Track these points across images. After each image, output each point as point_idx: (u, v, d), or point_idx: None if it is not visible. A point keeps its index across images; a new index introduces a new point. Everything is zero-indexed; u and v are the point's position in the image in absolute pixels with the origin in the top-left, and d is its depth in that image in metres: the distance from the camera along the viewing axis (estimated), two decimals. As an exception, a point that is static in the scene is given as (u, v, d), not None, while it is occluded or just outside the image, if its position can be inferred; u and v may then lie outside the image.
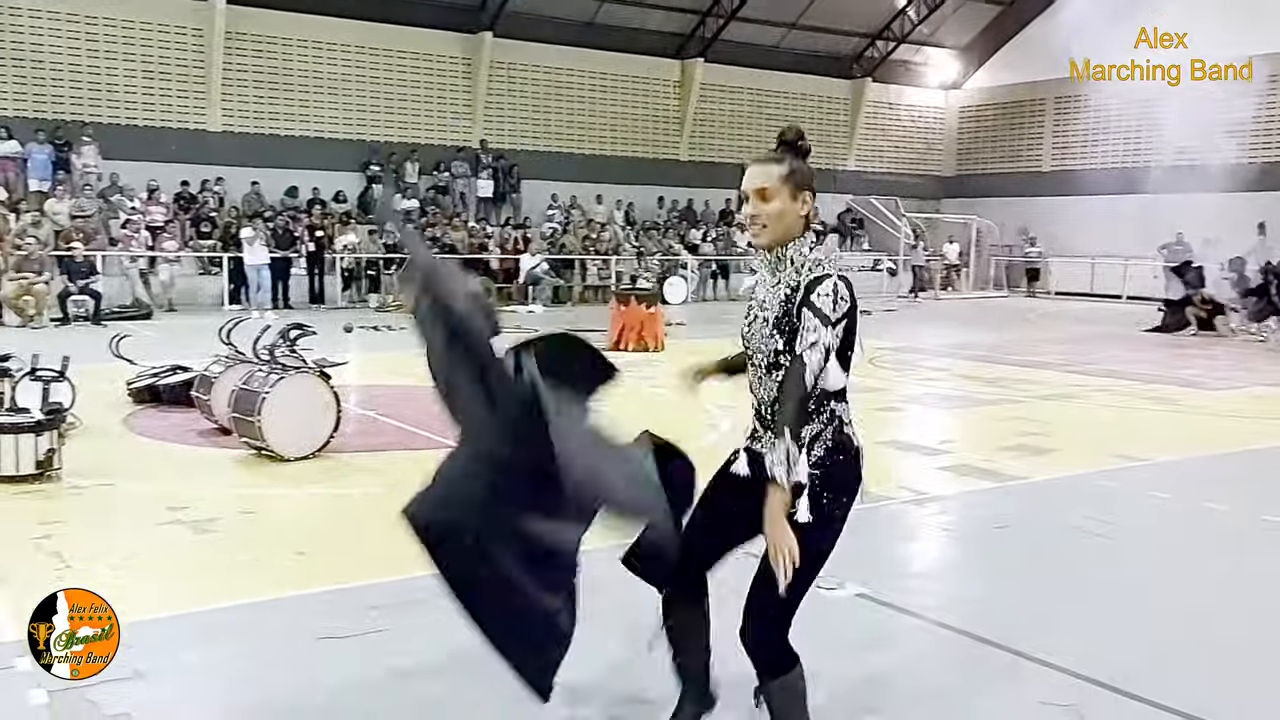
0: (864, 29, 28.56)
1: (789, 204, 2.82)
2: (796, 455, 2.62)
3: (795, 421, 2.64)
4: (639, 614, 3.40)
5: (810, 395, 2.67)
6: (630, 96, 26.26)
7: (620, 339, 13.56)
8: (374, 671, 3.74)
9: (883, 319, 19.56)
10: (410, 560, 4.79)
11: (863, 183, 29.33)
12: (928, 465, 7.25)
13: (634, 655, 3.61)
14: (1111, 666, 3.81)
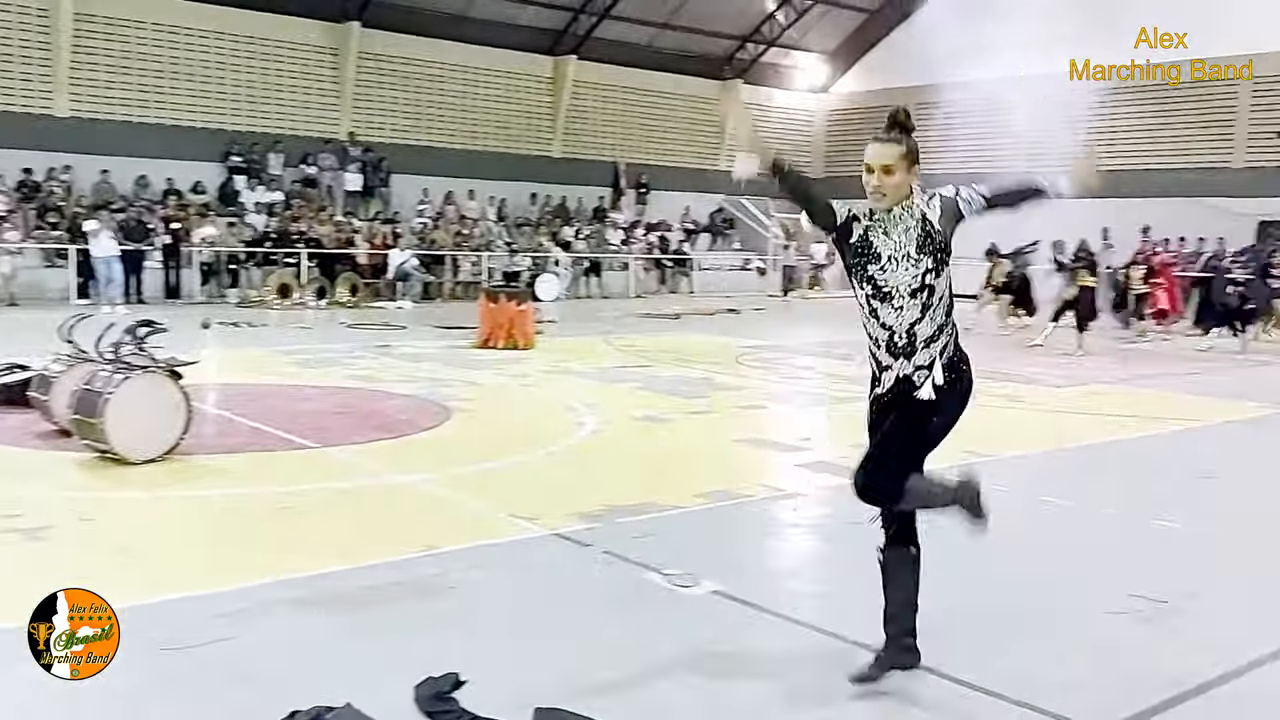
0: (734, 31, 29.01)
1: (905, 176, 3.50)
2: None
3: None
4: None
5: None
6: (503, 92, 26.08)
7: (490, 336, 13.47)
8: (219, 683, 3.63)
9: (751, 318, 19.94)
10: (262, 566, 4.70)
11: (734, 183, 29.74)
12: (787, 462, 7.41)
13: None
14: (957, 657, 3.97)
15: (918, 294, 3.46)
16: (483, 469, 6.90)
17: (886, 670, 3.70)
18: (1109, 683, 3.81)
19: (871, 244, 3.52)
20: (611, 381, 10.95)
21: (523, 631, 4.16)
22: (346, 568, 4.76)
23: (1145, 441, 8.82)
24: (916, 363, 3.52)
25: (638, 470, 7.05)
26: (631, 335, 15.94)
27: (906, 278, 3.47)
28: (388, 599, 4.42)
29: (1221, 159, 23.63)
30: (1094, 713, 3.55)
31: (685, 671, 3.85)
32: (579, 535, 5.42)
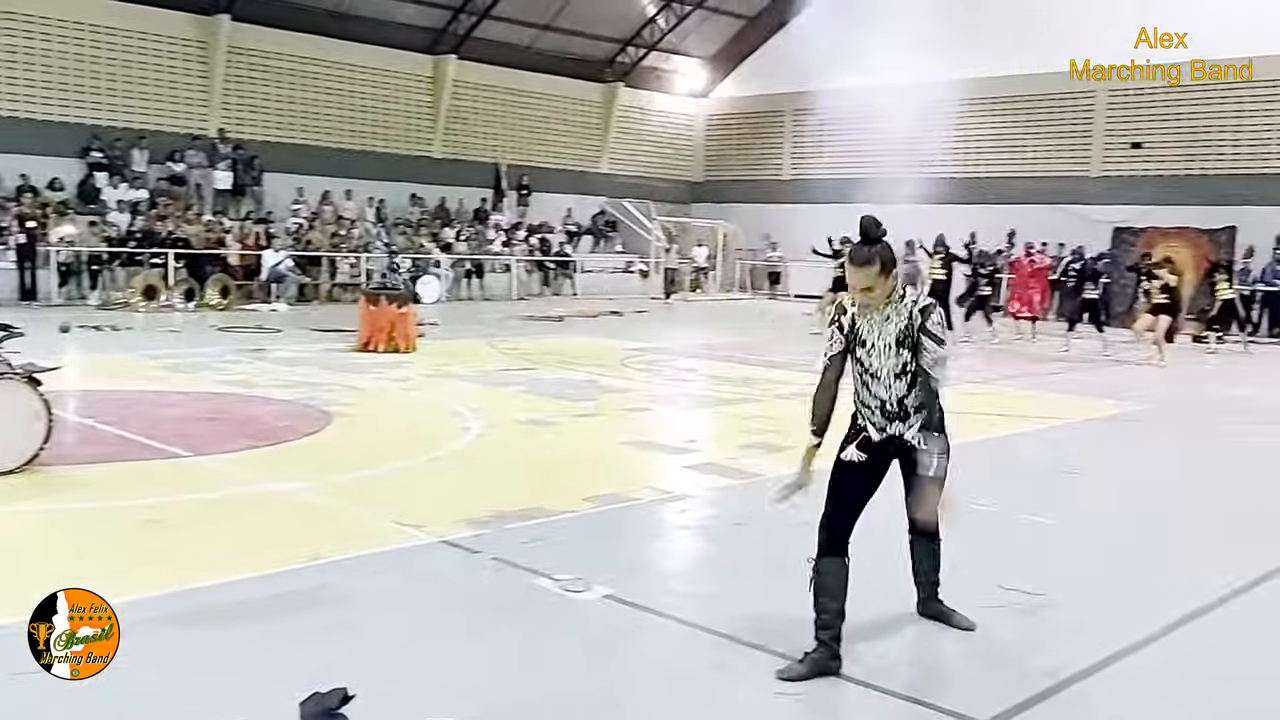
0: (616, 34, 29.08)
1: (884, 284, 3.89)
2: (942, 449, 3.96)
3: (939, 421, 4.00)
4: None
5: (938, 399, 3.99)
6: (381, 90, 25.57)
7: (370, 340, 13.17)
8: (92, 706, 3.44)
9: (634, 320, 20.00)
10: (133, 582, 4.47)
11: (616, 186, 29.88)
12: (674, 464, 7.45)
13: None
14: (844, 656, 4.04)
15: (899, 377, 3.97)
16: (365, 475, 6.74)
17: (814, 674, 3.81)
18: (993, 676, 3.93)
19: (859, 331, 4.01)
20: (495, 385, 10.83)
21: (412, 642, 4.07)
22: (223, 581, 4.58)
23: (1013, 439, 9.16)
24: (910, 424, 4.02)
25: (525, 475, 6.99)
26: (515, 338, 15.81)
27: (888, 362, 3.96)
28: (268, 613, 4.27)
29: (1080, 168, 24.74)
30: (981, 706, 3.65)
31: (580, 677, 3.83)
32: (467, 542, 5.34)
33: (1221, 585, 5.04)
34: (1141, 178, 23.54)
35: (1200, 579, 5.16)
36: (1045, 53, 23.65)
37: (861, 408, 4.11)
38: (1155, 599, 4.87)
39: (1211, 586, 5.01)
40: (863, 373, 4.04)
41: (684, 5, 28.49)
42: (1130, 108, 23.96)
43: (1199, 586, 5.01)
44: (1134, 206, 22.60)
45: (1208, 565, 5.45)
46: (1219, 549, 5.82)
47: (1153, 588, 5.09)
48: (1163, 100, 23.39)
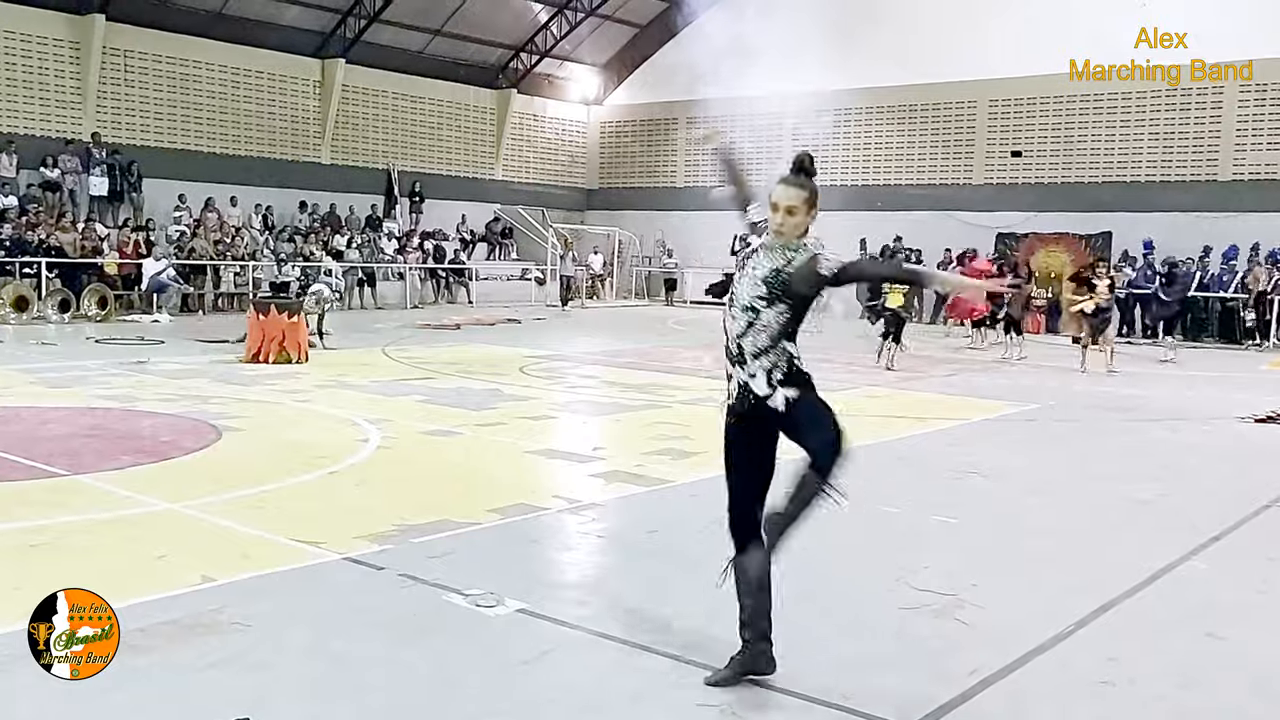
0: (508, 40, 28.86)
1: (804, 218, 3.73)
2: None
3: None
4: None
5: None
6: (267, 94, 24.86)
7: (260, 350, 12.73)
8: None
9: (533, 328, 19.82)
10: (11, 611, 4.15)
11: (510, 192, 29.64)
12: (581, 473, 7.33)
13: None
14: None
15: (746, 311, 3.72)
16: (258, 491, 6.45)
17: (740, 676, 3.75)
18: (914, 678, 3.92)
19: (748, 261, 3.79)
20: (393, 395, 10.56)
21: (317, 666, 3.87)
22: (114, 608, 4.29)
23: (916, 440, 9.30)
24: (748, 371, 3.73)
25: (428, 487, 6.78)
26: (411, 347, 15.49)
27: (747, 293, 3.73)
28: (162, 640, 4.00)
29: (964, 176, 25.47)
30: (906, 709, 3.63)
31: (496, 695, 3.69)
32: (371, 558, 5.14)
33: (1126, 579, 5.15)
34: (1022, 185, 24.35)
35: (1104, 573, 5.27)
36: (930, 63, 24.31)
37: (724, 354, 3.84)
38: (1063, 594, 4.95)
39: (1117, 581, 5.11)
40: (729, 304, 3.80)
41: (576, 13, 28.43)
42: (1010, 117, 24.77)
43: (1105, 581, 5.12)
44: (1015, 213, 23.36)
45: (1111, 559, 5.58)
46: (1120, 543, 5.96)
47: (1060, 583, 5.17)
48: (1041, 110, 24.25)
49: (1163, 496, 7.20)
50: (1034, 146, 24.43)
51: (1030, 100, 24.31)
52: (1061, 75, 23.02)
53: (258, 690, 3.58)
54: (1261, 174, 21.76)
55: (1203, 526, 6.21)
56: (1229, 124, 22.24)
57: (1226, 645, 4.39)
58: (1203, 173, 22.46)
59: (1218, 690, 3.94)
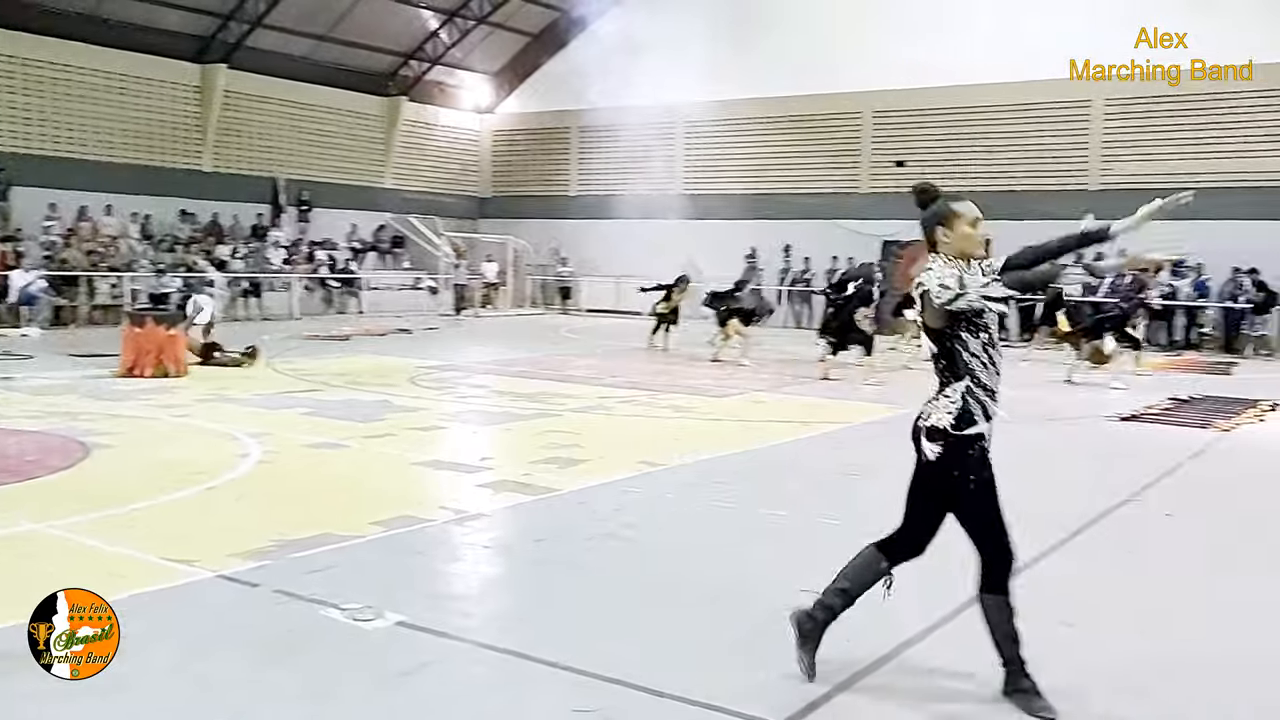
0: (398, 47, 28.50)
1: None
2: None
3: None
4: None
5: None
6: (145, 100, 24.07)
7: (135, 364, 12.31)
8: None
9: (424, 338, 19.59)
10: None
11: (402, 201, 29.24)
12: (468, 483, 7.28)
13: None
14: (635, 665, 4.02)
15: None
16: (131, 510, 6.24)
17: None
18: (786, 676, 3.99)
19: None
20: (277, 408, 10.32)
21: (181, 688, 3.76)
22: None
23: (801, 444, 9.48)
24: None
25: (310, 501, 6.65)
26: (297, 358, 15.16)
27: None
28: (23, 666, 3.83)
29: (850, 184, 26.06)
30: (776, 708, 3.70)
31: (369, 711, 3.64)
32: (246, 575, 5.02)
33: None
34: (906, 194, 24.93)
35: (971, 569, 5.43)
36: (817, 74, 24.83)
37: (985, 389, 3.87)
38: (933, 589, 5.09)
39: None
40: (988, 344, 3.85)
41: (466, 20, 28.25)
42: (894, 128, 25.45)
43: (970, 577, 5.28)
44: (900, 221, 23.96)
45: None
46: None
47: (930, 578, 5.32)
48: (923, 120, 24.97)
49: (1030, 494, 7.45)
50: (917, 156, 25.11)
51: (913, 111, 25.00)
52: (943, 87, 23.79)
53: (116, 714, 3.47)
54: (1128, 184, 22.77)
55: (1065, 522, 6.46)
56: (1096, 136, 23.25)
57: (1076, 632, 4.59)
58: (1073, 182, 23.41)
59: (1064, 676, 4.11)
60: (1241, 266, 20.79)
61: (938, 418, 3.83)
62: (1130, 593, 5.31)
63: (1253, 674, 4.25)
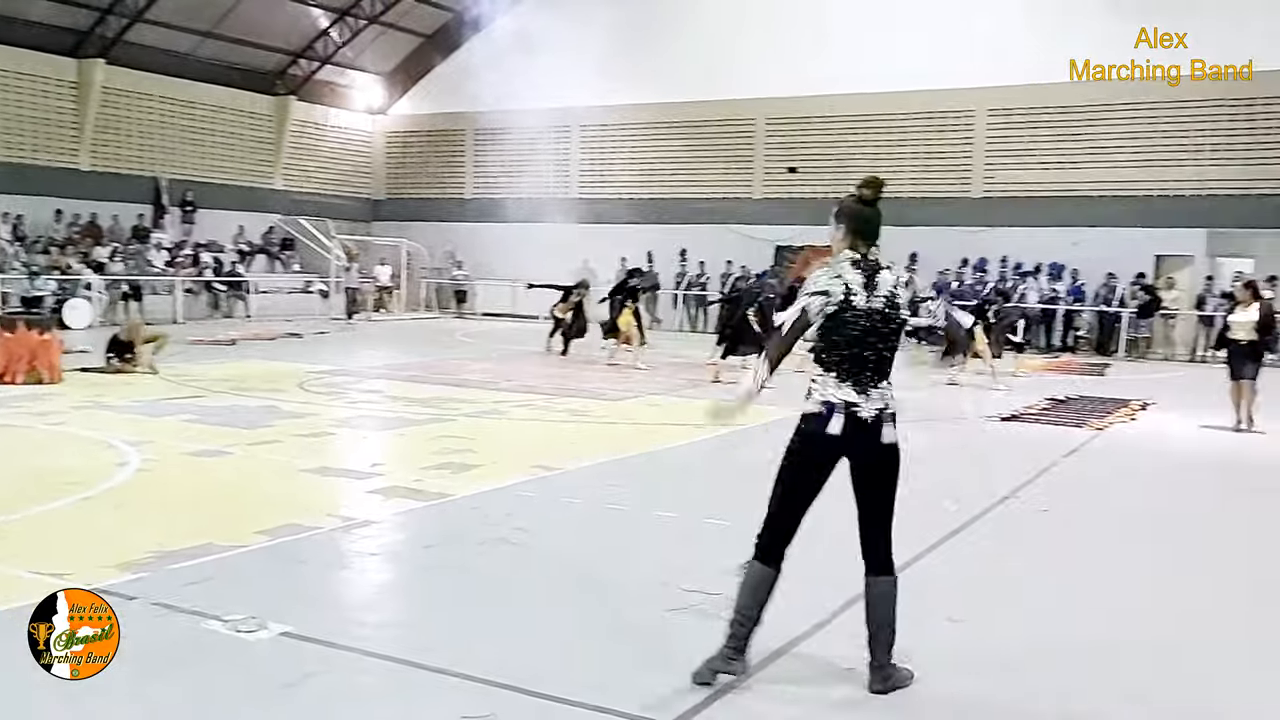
0: (286, 45, 27.85)
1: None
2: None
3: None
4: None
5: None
6: (15, 95, 23.04)
7: (6, 370, 11.77)
8: None
9: (315, 342, 19.18)
10: None
11: (291, 203, 28.59)
12: (357, 490, 7.16)
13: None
14: (525, 669, 4.02)
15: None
16: (1, 522, 5.97)
17: (714, 674, 3.94)
18: (670, 678, 4.03)
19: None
20: (158, 415, 9.98)
21: (59, 708, 3.61)
22: None
23: (694, 446, 9.55)
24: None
25: (191, 510, 6.46)
26: (180, 364, 14.67)
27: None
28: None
29: (744, 190, 26.43)
30: (659, 708, 3.74)
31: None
32: (122, 588, 4.84)
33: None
34: (798, 200, 25.48)
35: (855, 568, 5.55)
36: (713, 81, 25.12)
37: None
38: (817, 588, 5.19)
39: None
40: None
41: (358, 20, 27.77)
42: (786, 135, 25.89)
43: (855, 575, 5.40)
44: (792, 226, 24.40)
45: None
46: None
47: (816, 578, 5.43)
48: (815, 129, 25.47)
49: (912, 493, 7.67)
50: (809, 163, 25.60)
51: (804, 119, 25.48)
52: (833, 95, 24.29)
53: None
54: (1010, 191, 23.62)
55: (946, 521, 6.67)
56: (980, 144, 24.04)
57: (965, 627, 4.74)
58: (957, 189, 24.17)
59: (951, 672, 4.25)
60: (1115, 273, 21.73)
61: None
62: (1009, 586, 5.51)
63: (1118, 657, 4.45)
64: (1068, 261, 22.31)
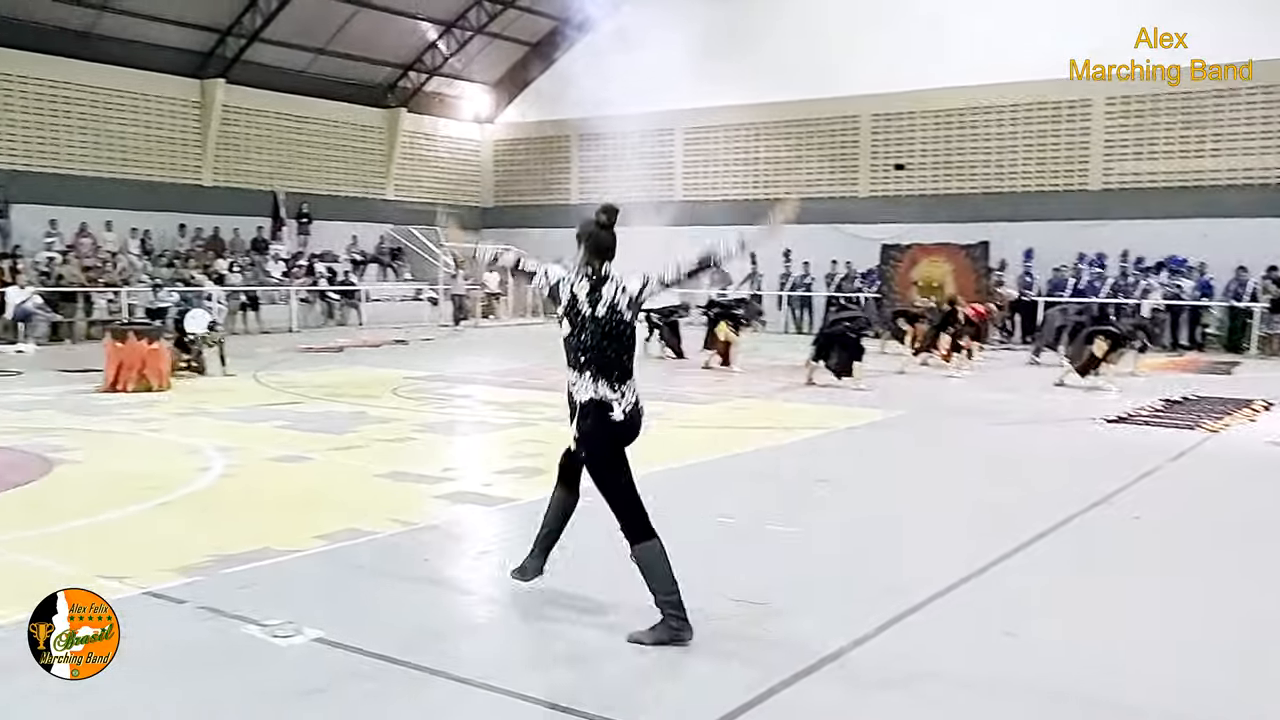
0: (396, 59, 28.56)
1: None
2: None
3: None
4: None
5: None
6: (144, 116, 24.18)
7: (118, 379, 12.31)
8: None
9: (419, 349, 19.56)
10: None
11: (403, 212, 29.25)
12: (424, 494, 7.20)
13: None
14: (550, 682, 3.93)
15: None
16: (78, 526, 6.20)
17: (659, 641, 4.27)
18: (697, 690, 3.90)
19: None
20: (251, 421, 10.27)
21: (90, 709, 3.67)
22: None
23: (776, 450, 9.35)
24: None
25: (260, 514, 6.59)
26: (287, 371, 15.15)
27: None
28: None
29: (850, 189, 25.91)
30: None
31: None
32: (175, 591, 4.96)
33: (942, 580, 5.21)
34: (905, 197, 24.88)
35: (921, 576, 5.32)
36: (816, 79, 24.71)
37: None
38: (878, 597, 4.98)
39: (932, 583, 5.17)
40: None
41: (464, 31, 28.27)
42: (893, 131, 25.30)
43: (918, 584, 5.17)
44: (899, 225, 23.83)
45: (933, 561, 5.65)
46: (947, 545, 6.06)
47: (878, 586, 5.22)
48: (922, 124, 24.81)
49: (999, 497, 7.35)
50: (916, 159, 24.97)
51: (911, 114, 24.86)
52: (939, 89, 23.64)
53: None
54: (1130, 183, 22.57)
55: (1029, 526, 6.34)
56: (1097, 136, 23.04)
57: (1018, 642, 4.47)
58: (1074, 183, 23.21)
59: (997, 686, 4.00)
60: (1245, 265, 20.50)
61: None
62: (1071, 600, 5.17)
63: (1194, 679, 4.12)
64: (1194, 255, 21.16)
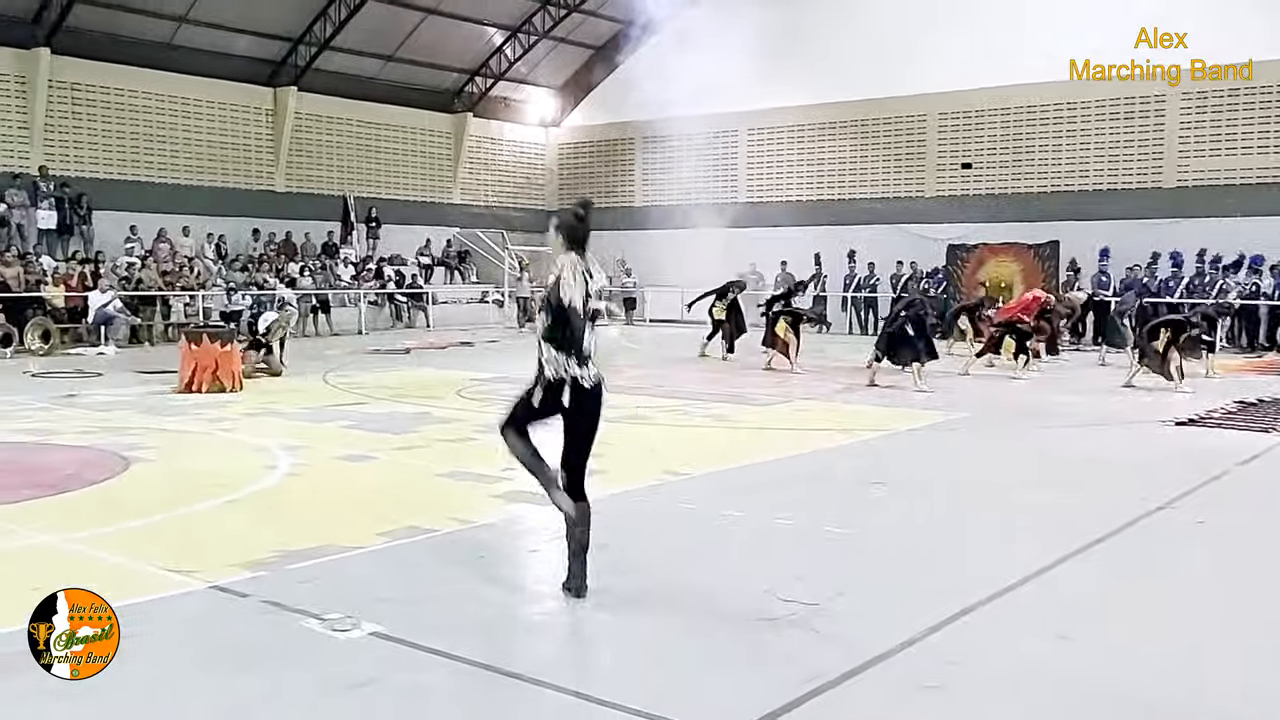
0: (462, 65, 28.95)
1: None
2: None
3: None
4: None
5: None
6: (219, 123, 24.86)
7: (193, 380, 12.68)
8: None
9: (484, 350, 19.80)
10: None
11: (469, 216, 29.66)
12: (482, 493, 7.32)
13: None
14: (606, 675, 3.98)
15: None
16: (151, 522, 6.41)
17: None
18: (747, 688, 3.92)
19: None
20: (318, 421, 10.52)
21: (154, 697, 3.83)
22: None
23: (834, 452, 9.30)
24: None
25: (324, 512, 6.76)
26: (355, 373, 15.45)
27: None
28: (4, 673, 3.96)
29: (916, 188, 25.65)
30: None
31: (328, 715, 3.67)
32: (240, 585, 5.11)
33: (997, 582, 5.17)
34: (972, 197, 24.55)
35: (977, 578, 5.27)
36: (880, 78, 24.51)
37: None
38: (930, 599, 4.95)
39: (987, 584, 5.13)
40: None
41: (530, 36, 28.55)
42: (960, 130, 24.99)
43: (974, 586, 5.13)
44: (966, 224, 23.54)
45: (989, 563, 5.60)
46: (1004, 547, 6.00)
47: (932, 588, 5.19)
48: (989, 123, 24.48)
49: (1060, 500, 7.24)
50: (983, 158, 24.64)
51: (978, 113, 24.54)
52: (1007, 87, 23.30)
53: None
54: (1204, 180, 22.02)
55: (1088, 530, 6.24)
56: (1172, 131, 22.51)
57: (1073, 645, 4.41)
58: (1148, 180, 22.71)
59: (1046, 690, 3.96)
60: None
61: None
62: (1138, 604, 5.09)
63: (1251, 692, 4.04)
64: (1273, 253, 20.57)
